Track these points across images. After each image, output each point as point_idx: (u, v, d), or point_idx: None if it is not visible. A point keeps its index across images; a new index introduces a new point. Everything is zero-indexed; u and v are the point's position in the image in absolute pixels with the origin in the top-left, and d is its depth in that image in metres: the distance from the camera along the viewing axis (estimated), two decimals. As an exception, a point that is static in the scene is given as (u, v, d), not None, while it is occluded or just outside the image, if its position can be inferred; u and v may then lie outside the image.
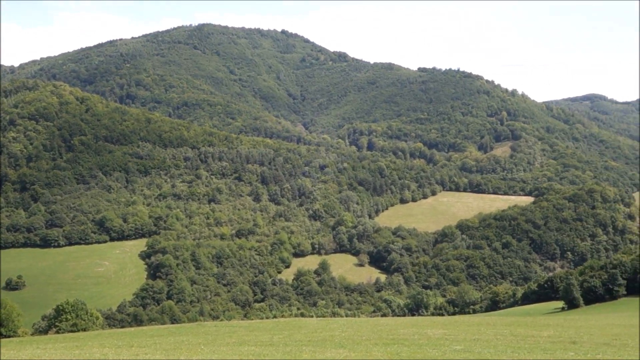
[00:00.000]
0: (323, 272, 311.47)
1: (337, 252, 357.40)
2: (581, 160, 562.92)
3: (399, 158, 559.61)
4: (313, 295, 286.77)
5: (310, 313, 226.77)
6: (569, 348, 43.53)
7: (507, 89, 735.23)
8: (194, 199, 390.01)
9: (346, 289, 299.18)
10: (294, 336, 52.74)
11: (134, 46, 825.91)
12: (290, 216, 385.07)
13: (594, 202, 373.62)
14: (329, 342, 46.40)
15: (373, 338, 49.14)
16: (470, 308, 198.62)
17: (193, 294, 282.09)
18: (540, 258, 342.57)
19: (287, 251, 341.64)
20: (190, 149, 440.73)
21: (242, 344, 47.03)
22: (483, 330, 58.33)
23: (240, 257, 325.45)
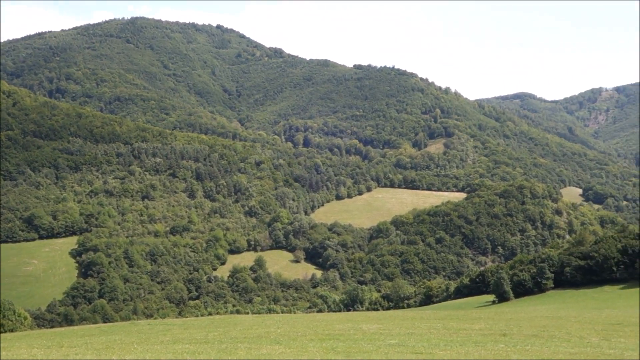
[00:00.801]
0: (259, 269, 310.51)
1: (273, 248, 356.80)
2: (511, 157, 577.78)
3: (335, 154, 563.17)
4: (249, 292, 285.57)
5: (245, 310, 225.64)
6: (499, 340, 44.43)
7: (441, 87, 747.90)
8: (126, 195, 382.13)
9: (282, 286, 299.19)
10: (229, 333, 52.20)
11: (64, 39, 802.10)
12: (225, 213, 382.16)
13: (523, 198, 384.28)
14: (264, 339, 46.10)
15: (309, 334, 49.08)
16: (405, 302, 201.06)
17: (126, 292, 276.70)
18: (472, 253, 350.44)
19: (223, 248, 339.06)
20: (122, 144, 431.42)
21: (176, 342, 46.25)
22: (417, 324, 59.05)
23: (174, 254, 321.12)
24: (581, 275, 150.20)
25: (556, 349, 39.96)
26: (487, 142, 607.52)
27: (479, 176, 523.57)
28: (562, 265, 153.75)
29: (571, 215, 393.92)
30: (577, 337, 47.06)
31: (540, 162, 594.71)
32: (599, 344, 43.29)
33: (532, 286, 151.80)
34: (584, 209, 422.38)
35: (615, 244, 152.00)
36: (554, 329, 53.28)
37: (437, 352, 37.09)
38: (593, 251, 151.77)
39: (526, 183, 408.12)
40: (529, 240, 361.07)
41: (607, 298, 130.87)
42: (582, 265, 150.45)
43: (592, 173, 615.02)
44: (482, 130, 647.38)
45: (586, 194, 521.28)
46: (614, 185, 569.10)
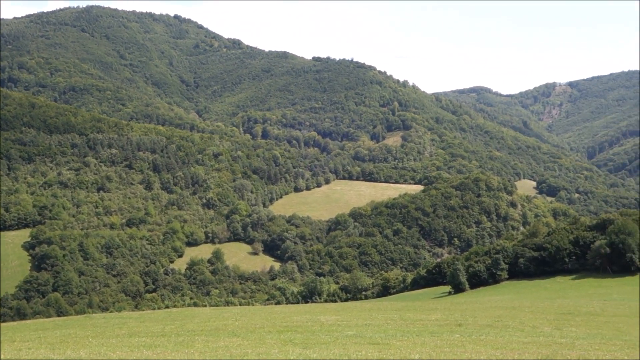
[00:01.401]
0: (217, 261, 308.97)
1: (231, 240, 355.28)
2: (468, 150, 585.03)
3: (294, 147, 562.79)
4: (206, 285, 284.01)
5: (203, 302, 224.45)
6: (455, 330, 45.07)
7: (399, 80, 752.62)
8: (81, 187, 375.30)
9: (240, 278, 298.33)
10: (186, 326, 51.88)
11: (17, 27, 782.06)
12: (183, 205, 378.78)
13: (479, 191, 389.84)
14: (222, 331, 45.93)
15: (267, 326, 49.07)
16: (362, 294, 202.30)
17: (81, 285, 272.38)
18: (429, 244, 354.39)
19: (180, 240, 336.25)
20: (77, 135, 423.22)
21: (132, 335, 45.75)
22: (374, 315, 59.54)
23: (130, 246, 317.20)
24: (534, 266, 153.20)
25: (510, 338, 40.72)
26: (444, 135, 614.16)
27: (436, 169, 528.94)
28: (516, 256, 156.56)
29: (525, 207, 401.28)
30: (530, 327, 48.03)
31: (495, 155, 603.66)
32: (551, 333, 44.26)
33: (487, 277, 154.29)
34: (537, 202, 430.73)
35: (567, 236, 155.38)
36: (508, 319, 54.28)
37: (394, 343, 37.45)
38: (546, 242, 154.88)
39: (482, 176, 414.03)
40: (484, 232, 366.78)
41: (559, 288, 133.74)
42: (536, 256, 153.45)
43: (546, 166, 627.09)
44: (439, 124, 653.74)
45: (540, 187, 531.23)
46: (566, 178, 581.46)
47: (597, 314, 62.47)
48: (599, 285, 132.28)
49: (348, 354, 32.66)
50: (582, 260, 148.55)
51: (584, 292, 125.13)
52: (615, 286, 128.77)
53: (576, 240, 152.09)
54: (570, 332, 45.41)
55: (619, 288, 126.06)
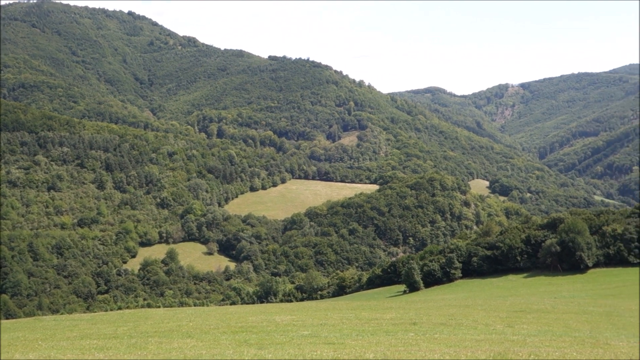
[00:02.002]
0: (171, 262, 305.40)
1: (185, 240, 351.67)
2: (422, 150, 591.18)
3: (249, 146, 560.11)
4: (160, 285, 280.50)
5: (157, 303, 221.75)
6: (409, 329, 45.38)
7: (355, 80, 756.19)
8: (31, 186, 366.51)
9: (195, 278, 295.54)
10: (139, 327, 51.09)
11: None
12: (136, 204, 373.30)
13: (434, 190, 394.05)
14: (176, 332, 45.39)
15: (221, 326, 48.67)
16: (318, 294, 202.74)
17: (30, 287, 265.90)
18: (385, 244, 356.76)
19: (133, 240, 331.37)
20: (27, 133, 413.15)
21: (83, 337, 44.86)
22: (330, 314, 59.59)
23: (82, 247, 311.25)
24: (487, 264, 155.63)
25: (463, 336, 41.17)
26: (400, 135, 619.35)
27: (391, 168, 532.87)
28: (469, 255, 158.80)
29: (479, 206, 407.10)
30: (483, 325, 48.66)
31: (450, 155, 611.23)
32: (503, 330, 44.90)
33: (441, 276, 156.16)
34: (490, 201, 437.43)
35: (519, 235, 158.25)
36: (462, 317, 54.90)
37: (349, 342, 37.50)
38: (498, 241, 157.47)
39: (436, 175, 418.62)
40: (438, 231, 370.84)
41: (512, 286, 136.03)
42: (489, 255, 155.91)
43: (499, 166, 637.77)
44: (395, 123, 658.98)
45: (493, 186, 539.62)
46: (518, 178, 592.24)
47: (547, 312, 63.66)
48: (550, 283, 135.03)
49: (303, 354, 32.58)
50: (533, 258, 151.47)
51: (535, 289, 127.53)
52: (565, 284, 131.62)
53: (528, 239, 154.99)
54: (522, 329, 46.14)
55: (568, 285, 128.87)
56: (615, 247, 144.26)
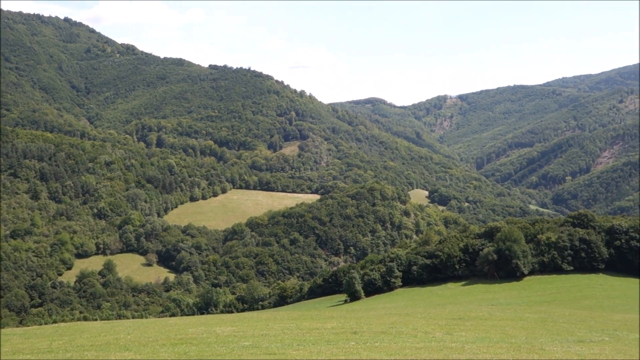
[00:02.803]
0: (108, 273, 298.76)
1: (123, 252, 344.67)
2: (363, 160, 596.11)
3: (190, 155, 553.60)
4: (97, 298, 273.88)
5: (94, 316, 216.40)
6: (350, 338, 45.51)
7: (296, 90, 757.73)
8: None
9: (133, 290, 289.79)
10: (75, 341, 49.73)
11: None
12: (72, 215, 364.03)
13: (374, 200, 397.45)
14: (113, 346, 44.37)
15: (161, 339, 47.82)
16: (259, 304, 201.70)
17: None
18: (326, 253, 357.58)
19: (69, 252, 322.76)
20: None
21: (16, 352, 43.40)
22: (271, 325, 59.28)
23: (15, 259, 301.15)
24: (427, 273, 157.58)
25: (403, 344, 41.55)
26: (341, 145, 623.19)
27: (332, 178, 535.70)
28: (409, 264, 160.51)
29: (418, 216, 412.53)
30: (423, 332, 49.20)
31: (390, 165, 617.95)
32: (442, 338, 45.51)
33: (381, 285, 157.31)
34: (429, 210, 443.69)
35: (458, 243, 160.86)
36: (402, 325, 55.38)
37: (290, 352, 37.40)
38: (437, 250, 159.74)
39: (377, 185, 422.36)
40: (379, 241, 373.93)
41: (450, 294, 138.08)
42: (428, 263, 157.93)
43: (438, 176, 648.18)
44: (336, 134, 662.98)
45: (432, 196, 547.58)
46: (457, 188, 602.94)
47: (485, 319, 64.82)
48: (487, 290, 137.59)
49: (244, 365, 32.31)
50: (471, 266, 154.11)
51: (473, 297, 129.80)
52: (502, 291, 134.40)
53: (466, 247, 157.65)
54: (461, 336, 46.85)
55: (505, 293, 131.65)
56: (549, 255, 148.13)
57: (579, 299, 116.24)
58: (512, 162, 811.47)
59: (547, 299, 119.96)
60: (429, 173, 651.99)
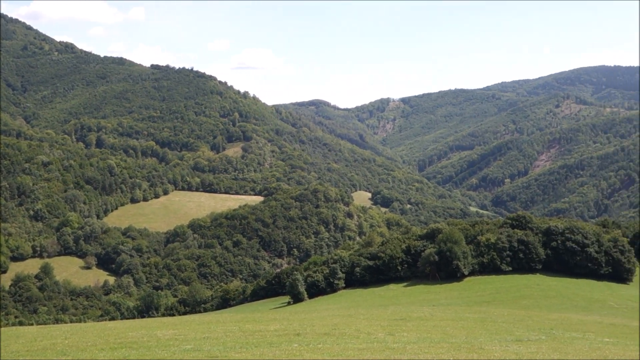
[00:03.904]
0: (45, 277, 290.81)
1: (61, 254, 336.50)
2: (307, 162, 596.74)
3: (130, 156, 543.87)
4: (33, 302, 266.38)
5: (30, 321, 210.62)
6: (293, 340, 45.38)
7: (240, 91, 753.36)
8: None
9: (71, 294, 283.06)
10: (9, 347, 48.18)
11: None
12: (7, 217, 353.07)
13: (318, 202, 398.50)
14: (50, 351, 43.15)
15: (99, 343, 46.73)
16: (202, 307, 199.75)
17: None
18: (269, 255, 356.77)
19: (4, 255, 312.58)
20: None
21: (-55, 360, 41.80)
22: (213, 328, 58.64)
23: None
24: (370, 274, 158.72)
25: (346, 345, 41.65)
26: (284, 147, 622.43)
27: (276, 180, 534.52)
28: (352, 265, 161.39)
29: (361, 217, 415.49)
30: (365, 334, 49.43)
31: (333, 167, 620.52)
32: (384, 339, 45.79)
33: (325, 286, 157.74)
34: (372, 212, 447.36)
35: (400, 245, 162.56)
36: (345, 327, 55.52)
37: (233, 355, 37.07)
38: (380, 252, 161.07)
39: (320, 187, 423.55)
40: (322, 242, 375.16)
41: (393, 295, 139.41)
42: (371, 265, 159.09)
43: (380, 178, 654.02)
44: (280, 135, 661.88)
45: (375, 198, 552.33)
46: (399, 190, 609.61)
47: (426, 319, 65.58)
48: (429, 291, 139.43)
49: (185, 369, 31.87)
50: (413, 268, 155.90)
51: (415, 298, 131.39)
52: (443, 292, 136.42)
53: (408, 249, 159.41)
54: (403, 337, 47.24)
55: (446, 293, 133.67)
56: (489, 256, 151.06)
57: (517, 299, 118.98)
58: (453, 165, 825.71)
59: (486, 299, 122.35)
60: (372, 175, 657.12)
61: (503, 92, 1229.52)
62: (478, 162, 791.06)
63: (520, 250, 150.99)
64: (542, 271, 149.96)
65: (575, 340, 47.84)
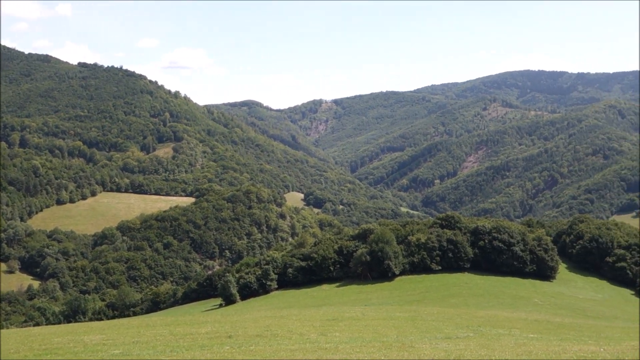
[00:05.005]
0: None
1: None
2: (239, 162, 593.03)
3: (56, 157, 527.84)
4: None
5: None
6: (225, 342, 44.95)
7: (171, 91, 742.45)
8: None
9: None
10: None
11: None
12: None
13: (250, 203, 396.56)
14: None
15: (23, 350, 45.14)
16: (131, 310, 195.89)
17: None
18: (201, 257, 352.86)
19: None
20: None
21: None
22: (142, 331, 57.52)
23: None
24: (302, 275, 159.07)
25: (278, 347, 41.52)
26: (216, 148, 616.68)
27: (208, 181, 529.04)
28: (285, 266, 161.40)
29: (294, 218, 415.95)
30: (298, 334, 49.41)
31: (266, 168, 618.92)
32: (317, 339, 45.87)
33: (257, 288, 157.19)
34: (305, 213, 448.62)
35: (332, 245, 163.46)
36: (277, 328, 55.38)
37: (163, 359, 36.45)
38: (313, 252, 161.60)
39: (253, 188, 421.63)
40: (255, 244, 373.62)
41: (325, 296, 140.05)
42: (303, 266, 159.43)
43: (313, 179, 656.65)
44: (211, 136, 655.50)
45: (307, 199, 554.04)
46: (331, 191, 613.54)
47: (358, 319, 66.07)
48: (361, 291, 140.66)
49: (113, 374, 31.06)
50: (345, 268, 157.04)
51: (347, 298, 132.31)
52: (375, 291, 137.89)
53: (340, 249, 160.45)
54: (335, 337, 47.43)
55: (377, 293, 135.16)
56: (419, 256, 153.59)
57: (447, 297, 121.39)
58: (385, 166, 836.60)
59: (417, 298, 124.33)
60: (304, 176, 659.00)
61: (433, 95, 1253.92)
62: (409, 163, 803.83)
63: (449, 250, 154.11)
64: (471, 270, 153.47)
65: (502, 337, 49.06)
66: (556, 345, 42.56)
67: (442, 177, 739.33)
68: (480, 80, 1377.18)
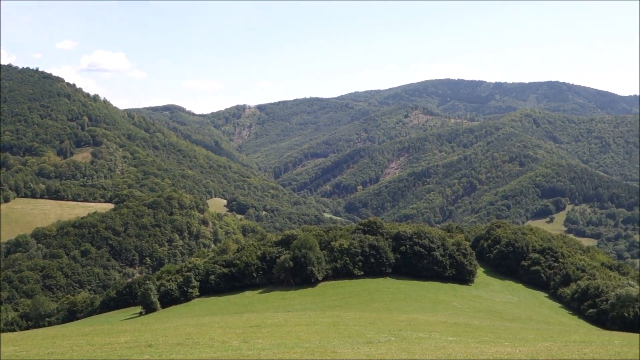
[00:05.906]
0: None
1: None
2: (161, 168, 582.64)
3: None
4: None
5: None
6: (145, 352, 44.08)
7: (89, 94, 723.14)
8: None
9: None
10: None
11: None
12: None
13: (172, 209, 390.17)
14: None
15: None
16: (46, 321, 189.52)
17: None
18: (120, 264, 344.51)
19: None
20: None
21: None
22: (58, 342, 55.71)
23: None
24: (225, 282, 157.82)
25: (200, 355, 41.03)
26: (137, 153, 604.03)
27: (128, 187, 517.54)
28: (207, 273, 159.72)
29: (217, 225, 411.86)
30: (220, 342, 48.95)
31: (188, 173, 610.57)
32: (239, 346, 45.56)
33: (178, 295, 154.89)
34: (228, 219, 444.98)
35: (255, 252, 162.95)
36: (198, 336, 54.71)
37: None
38: (235, 259, 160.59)
39: (174, 194, 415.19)
40: (176, 250, 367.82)
41: (248, 302, 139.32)
42: (226, 272, 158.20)
43: (236, 185, 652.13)
44: (132, 141, 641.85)
45: (230, 205, 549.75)
46: (255, 197, 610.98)
47: (281, 325, 66.04)
48: (283, 297, 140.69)
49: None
50: (268, 274, 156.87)
51: (270, 304, 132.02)
52: (297, 297, 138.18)
53: (263, 255, 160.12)
54: (257, 343, 47.23)
55: (300, 299, 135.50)
56: (342, 261, 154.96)
57: (369, 302, 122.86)
58: (308, 172, 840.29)
59: (339, 303, 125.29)
60: (227, 182, 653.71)
61: (356, 102, 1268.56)
62: (332, 169, 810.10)
63: (371, 255, 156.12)
64: (392, 275, 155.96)
65: (422, 340, 50.00)
66: (474, 347, 43.70)
67: (365, 183, 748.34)
68: (402, 88, 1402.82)
